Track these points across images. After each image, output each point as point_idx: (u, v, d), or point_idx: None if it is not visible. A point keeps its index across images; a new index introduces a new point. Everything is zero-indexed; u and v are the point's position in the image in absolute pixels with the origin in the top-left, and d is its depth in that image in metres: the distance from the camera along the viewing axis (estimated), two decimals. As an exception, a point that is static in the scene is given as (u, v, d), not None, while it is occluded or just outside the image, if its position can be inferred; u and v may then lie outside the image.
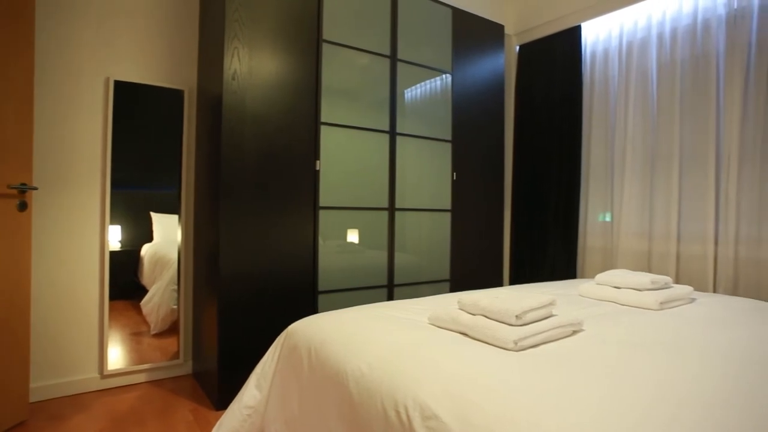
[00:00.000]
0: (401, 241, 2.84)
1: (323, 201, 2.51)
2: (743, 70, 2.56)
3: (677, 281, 2.79)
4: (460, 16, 3.13)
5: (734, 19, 2.61)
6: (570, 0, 3.40)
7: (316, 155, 2.48)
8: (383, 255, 2.77)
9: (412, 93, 2.94)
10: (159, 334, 2.59)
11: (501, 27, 3.43)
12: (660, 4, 2.94)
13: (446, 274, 3.05)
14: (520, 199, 3.76)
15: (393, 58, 2.78)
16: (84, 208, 2.38)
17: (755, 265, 2.51)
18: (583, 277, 3.34)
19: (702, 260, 2.71)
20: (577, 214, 3.36)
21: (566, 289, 2.16)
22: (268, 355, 1.66)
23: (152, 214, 2.57)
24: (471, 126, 3.20)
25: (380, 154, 2.75)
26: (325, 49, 2.51)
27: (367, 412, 1.11)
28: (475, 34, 3.24)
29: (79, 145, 2.37)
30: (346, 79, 2.63)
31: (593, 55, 3.34)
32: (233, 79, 2.23)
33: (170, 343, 2.62)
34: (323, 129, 2.50)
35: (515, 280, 3.71)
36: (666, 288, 1.90)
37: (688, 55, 2.81)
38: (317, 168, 2.48)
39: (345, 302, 2.53)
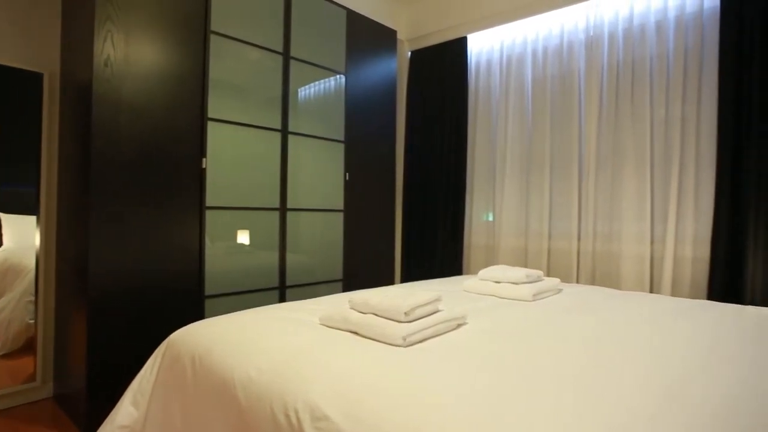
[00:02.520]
0: (294, 242, 2.79)
1: (211, 201, 2.38)
2: (599, 88, 2.93)
3: (549, 274, 3.10)
4: (354, 18, 3.17)
5: (591, 44, 2.97)
6: (457, 12, 3.62)
7: (202, 152, 2.34)
8: (275, 256, 2.70)
9: (306, 92, 2.90)
10: (9, 355, 2.25)
11: (394, 32, 3.53)
12: (534, 24, 3.25)
13: (339, 274, 3.06)
14: (410, 200, 3.90)
15: (286, 55, 2.73)
16: None
17: (608, 258, 2.89)
18: (468, 273, 3.56)
19: (568, 255, 3.05)
20: (463, 214, 3.58)
21: (452, 285, 2.29)
22: (147, 368, 1.53)
23: (1, 214, 2.23)
24: (364, 127, 3.25)
25: (272, 153, 2.68)
26: (214, 41, 2.38)
27: (256, 419, 1.07)
28: (368, 37, 3.29)
29: None
30: (237, 74, 2.52)
31: (478, 65, 3.58)
32: (106, 65, 2.02)
33: (24, 363, 2.28)
34: (211, 125, 2.37)
35: (406, 278, 3.84)
36: (538, 281, 2.10)
37: (556, 72, 3.14)
38: (204, 166, 2.34)
39: (235, 306, 2.41)
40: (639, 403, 0.88)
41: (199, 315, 2.32)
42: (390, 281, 3.49)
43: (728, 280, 2.43)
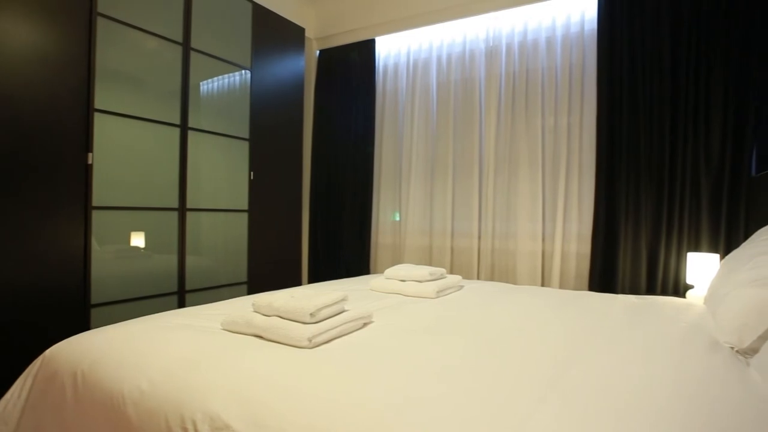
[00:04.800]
0: (195, 244, 2.64)
1: (98, 200, 2.17)
2: (497, 95, 3.13)
3: (452, 271, 3.25)
4: (260, 13, 3.07)
5: (490, 54, 3.17)
6: (365, 14, 3.66)
7: (88, 147, 2.13)
8: (173, 259, 2.53)
9: (208, 86, 2.76)
10: None
11: (302, 30, 3.48)
12: (439, 32, 3.39)
13: (243, 277, 2.95)
14: (317, 200, 3.88)
15: (186, 46, 2.57)
16: None
17: (505, 255, 3.10)
18: (375, 272, 3.62)
19: (469, 252, 3.22)
20: (370, 213, 3.63)
21: (359, 284, 2.30)
22: (14, 391, 1.35)
23: None
24: (270, 125, 3.16)
25: (170, 150, 2.51)
26: (102, 24, 2.17)
27: (148, 436, 1.00)
28: (275, 33, 3.21)
29: None
30: (129, 63, 2.33)
31: (386, 67, 3.65)
32: (-36, 44, 1.76)
33: None
34: (98, 117, 2.17)
35: (313, 278, 3.81)
36: (441, 278, 2.19)
37: (459, 78, 3.30)
38: (89, 162, 2.13)
39: (127, 315, 2.21)
40: (523, 389, 0.95)
41: (83, 327, 2.11)
42: (297, 282, 3.43)
43: (604, 273, 2.73)
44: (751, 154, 2.41)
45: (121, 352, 1.25)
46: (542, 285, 2.97)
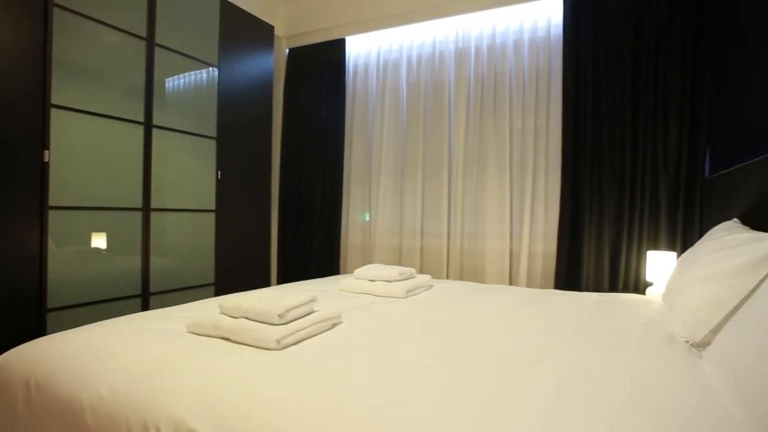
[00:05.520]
0: (160, 245, 2.57)
1: (55, 200, 2.08)
2: (466, 97, 3.17)
3: (421, 271, 3.27)
4: (228, 9, 3.01)
5: (460, 56, 3.20)
6: (336, 14, 3.64)
7: (44, 144, 2.04)
8: (137, 261, 2.46)
9: (174, 83, 2.69)
10: None
11: (271, 28, 3.43)
12: (409, 33, 3.40)
13: (211, 278, 2.89)
14: (287, 200, 3.84)
15: (150, 42, 2.50)
16: None
17: (474, 254, 3.14)
18: (345, 272, 3.61)
19: (439, 252, 3.25)
20: (340, 213, 3.61)
21: (328, 285, 2.29)
22: (-38, 401, 1.28)
23: None
24: (238, 124, 3.11)
25: (133, 148, 2.44)
26: (58, 15, 2.09)
27: (109, 444, 0.96)
28: (244, 31, 3.16)
29: None
30: (90, 58, 2.25)
31: (356, 67, 3.65)
32: None
33: None
34: (55, 113, 2.08)
35: (283, 279, 3.77)
36: (411, 278, 2.20)
37: (429, 79, 3.32)
38: (45, 159, 2.04)
39: (86, 319, 2.14)
40: (488, 387, 0.97)
41: (38, 332, 2.02)
42: (266, 283, 3.39)
43: (569, 271, 2.80)
44: (704, 156, 2.52)
45: (79, 358, 1.20)
46: (510, 284, 3.02)
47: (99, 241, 2.31)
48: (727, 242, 1.47)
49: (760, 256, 1.18)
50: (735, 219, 1.89)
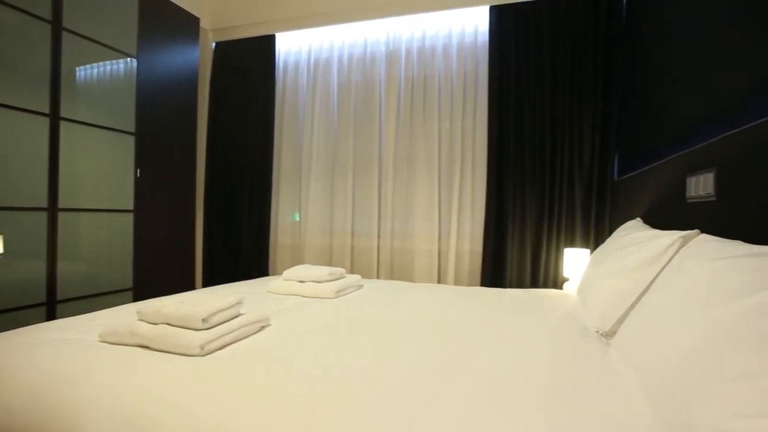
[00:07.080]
0: (70, 248, 2.37)
1: (-59, 198, 1.86)
2: (396, 97, 3.21)
3: (352, 271, 3.27)
4: (147, -4, 2.84)
5: (391, 57, 3.24)
6: (265, 9, 3.55)
7: (-74, 135, 1.81)
8: (41, 266, 2.25)
9: (86, 73, 2.49)
10: None
11: (197, 19, 3.28)
12: (340, 32, 3.39)
13: (128, 282, 2.71)
14: (212, 198, 3.68)
15: (56, 25, 2.29)
16: None
17: (404, 254, 3.19)
18: (275, 273, 3.53)
19: (369, 252, 3.27)
20: (269, 213, 3.53)
21: (256, 287, 2.23)
22: None
23: None
24: (159, 119, 2.94)
25: (37, 142, 2.23)
26: (-57, -8, 1.86)
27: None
28: (166, 21, 2.99)
29: None
30: (-18, 40, 2.02)
31: (286, 65, 3.57)
32: None
33: None
34: (-60, 100, 1.85)
35: (208, 281, 3.61)
36: (341, 278, 2.20)
37: (360, 79, 3.33)
38: (-71, 152, 1.81)
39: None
40: (420, 384, 0.99)
41: None
42: (189, 286, 3.24)
43: (494, 269, 2.93)
44: (614, 159, 2.74)
45: (-32, 375, 1.07)
46: (438, 282, 3.10)
47: (-5, 244, 2.09)
48: (631, 240, 1.61)
49: (657, 252, 1.30)
50: (638, 218, 2.08)
